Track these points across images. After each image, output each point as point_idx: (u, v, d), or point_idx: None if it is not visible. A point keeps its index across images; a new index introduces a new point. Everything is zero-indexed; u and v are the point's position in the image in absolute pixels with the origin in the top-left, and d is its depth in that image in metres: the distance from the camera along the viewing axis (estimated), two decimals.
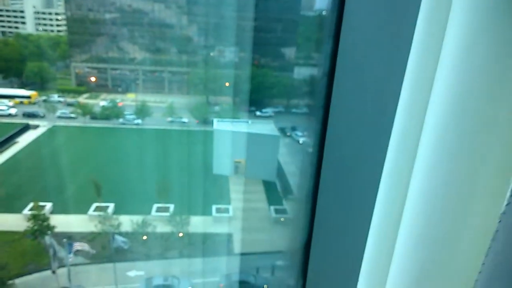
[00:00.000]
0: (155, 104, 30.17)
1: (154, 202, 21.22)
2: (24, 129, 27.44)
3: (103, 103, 30.78)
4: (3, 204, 20.83)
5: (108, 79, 33.06)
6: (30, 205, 20.05)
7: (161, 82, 32.47)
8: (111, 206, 20.93)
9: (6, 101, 29.37)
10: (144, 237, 19.90)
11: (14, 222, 19.38)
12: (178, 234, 20.15)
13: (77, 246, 17.86)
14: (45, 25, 36.55)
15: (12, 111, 28.75)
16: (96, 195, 21.01)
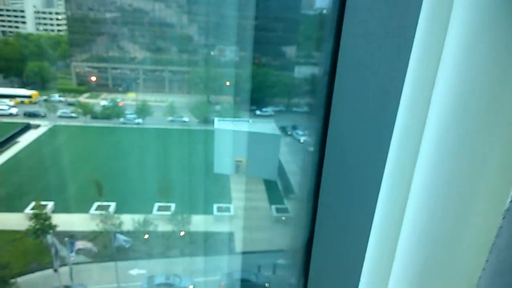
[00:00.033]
0: (155, 104, 30.16)
1: (155, 201, 21.25)
2: (25, 128, 27.46)
3: (104, 102, 30.78)
4: (5, 203, 20.88)
5: (108, 78, 33.05)
6: (32, 204, 20.07)
7: (161, 81, 32.47)
8: (113, 205, 20.97)
9: (7, 100, 29.39)
10: (146, 236, 19.91)
11: (16, 221, 19.42)
12: (179, 233, 20.16)
13: (79, 244, 17.86)
14: (45, 24, 36.54)
15: (13, 111, 28.77)
16: (98, 194, 21.04)
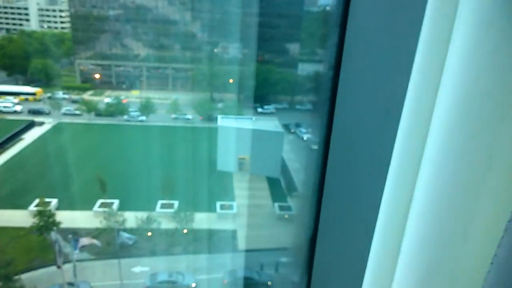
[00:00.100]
0: (159, 101, 30.19)
1: (159, 199, 21.28)
2: (30, 126, 27.58)
3: (108, 100, 30.87)
4: (9, 200, 20.98)
5: (112, 76, 33.12)
6: (36, 201, 20.19)
7: (165, 79, 32.51)
8: (116, 203, 21.02)
9: (11, 98, 29.52)
10: (149, 233, 19.94)
11: (20, 218, 19.50)
12: (182, 231, 20.17)
13: (84, 241, 17.90)
14: (49, 22, 36.65)
15: (18, 108, 28.90)
16: (101, 191, 21.08)
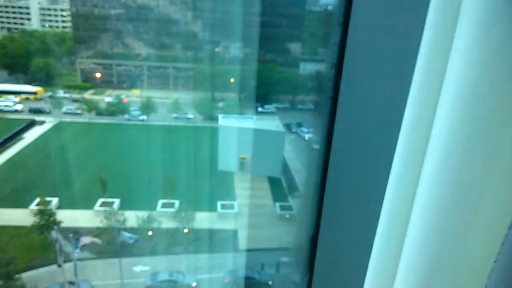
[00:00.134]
0: (160, 100, 30.18)
1: (160, 198, 21.26)
2: (30, 125, 27.58)
3: (109, 99, 30.87)
4: (10, 199, 20.99)
5: (113, 75, 33.12)
6: (37, 200, 20.18)
7: (166, 78, 32.49)
8: (117, 202, 21.01)
9: (12, 97, 29.54)
10: (150, 233, 19.94)
11: (21, 217, 19.50)
12: (183, 230, 20.16)
13: (85, 240, 17.90)
14: (50, 21, 36.68)
15: (18, 107, 28.90)
16: (102, 190, 21.08)
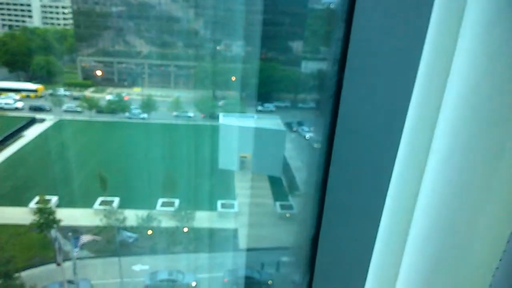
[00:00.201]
0: (161, 98, 30.20)
1: (159, 197, 21.25)
2: (31, 122, 27.59)
3: (109, 97, 30.89)
4: (10, 198, 21.00)
5: (114, 73, 33.14)
6: (36, 199, 20.19)
7: (167, 76, 32.49)
8: (116, 200, 21.00)
9: (12, 94, 29.58)
10: (149, 232, 19.94)
11: (20, 215, 19.51)
12: (183, 229, 20.17)
13: (84, 238, 17.91)
14: (51, 18, 36.70)
15: (19, 105, 28.94)
16: (102, 189, 21.09)
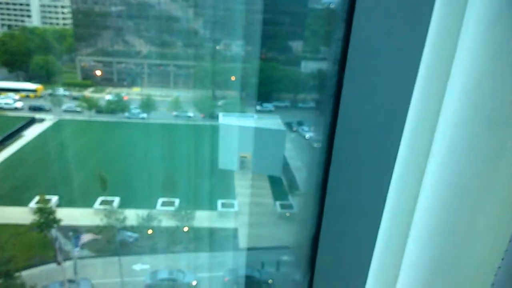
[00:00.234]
0: (160, 98, 30.15)
1: (160, 197, 21.26)
2: (30, 122, 27.55)
3: (109, 97, 30.82)
4: (10, 197, 20.97)
5: (113, 72, 33.09)
6: (36, 199, 20.17)
7: (166, 76, 32.44)
8: (117, 200, 21.01)
9: (12, 94, 29.52)
10: (150, 231, 19.97)
11: (21, 215, 19.49)
12: (183, 229, 20.19)
13: (85, 238, 17.94)
14: (51, 18, 36.62)
15: (18, 105, 28.87)
16: (102, 189, 21.09)
